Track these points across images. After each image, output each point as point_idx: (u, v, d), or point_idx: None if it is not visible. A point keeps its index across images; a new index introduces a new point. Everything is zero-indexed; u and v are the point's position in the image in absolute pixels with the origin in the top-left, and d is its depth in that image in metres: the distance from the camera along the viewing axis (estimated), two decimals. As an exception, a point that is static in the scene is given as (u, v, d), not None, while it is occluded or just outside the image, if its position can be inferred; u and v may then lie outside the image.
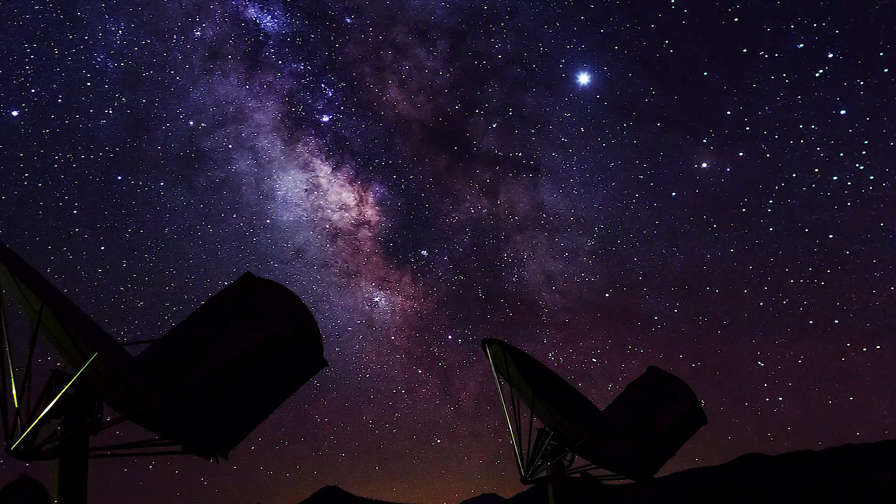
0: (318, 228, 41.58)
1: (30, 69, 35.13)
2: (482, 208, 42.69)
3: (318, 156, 41.22)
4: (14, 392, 8.59)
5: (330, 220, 41.45)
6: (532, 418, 14.40)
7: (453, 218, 43.03)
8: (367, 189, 42.32)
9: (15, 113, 35.08)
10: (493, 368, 14.75)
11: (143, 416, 9.07)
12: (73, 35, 36.23)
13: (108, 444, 9.16)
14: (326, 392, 40.44)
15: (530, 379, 14.20)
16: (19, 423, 8.52)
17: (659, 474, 15.24)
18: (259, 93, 41.28)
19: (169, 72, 38.42)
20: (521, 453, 14.21)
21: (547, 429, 14.18)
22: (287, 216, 40.99)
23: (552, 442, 14.03)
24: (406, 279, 42.48)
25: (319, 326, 9.41)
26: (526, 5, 40.49)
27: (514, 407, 14.49)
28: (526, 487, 14.88)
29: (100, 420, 8.88)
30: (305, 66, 40.60)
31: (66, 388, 8.60)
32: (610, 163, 40.11)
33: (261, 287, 9.27)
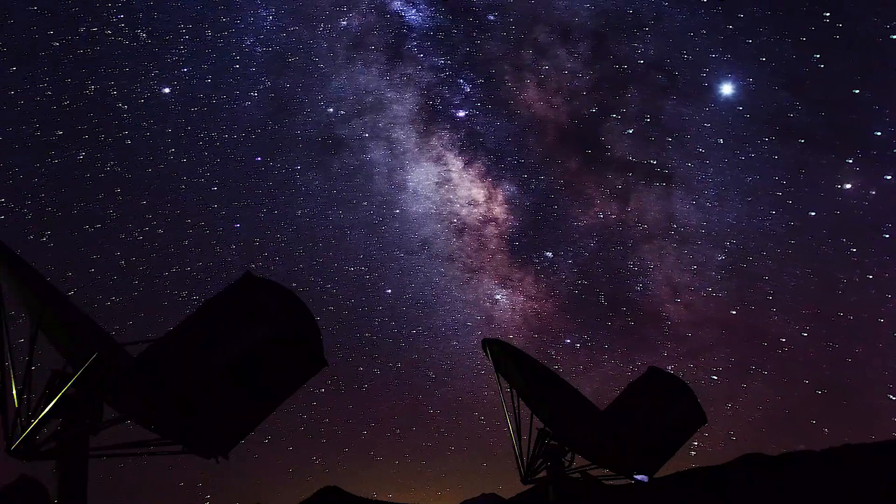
0: (445, 222, 42.96)
1: (183, 49, 36.90)
2: (611, 214, 42.87)
3: (451, 150, 42.64)
4: (14, 392, 8.57)
5: (458, 215, 42.80)
6: (532, 418, 14.39)
7: (581, 222, 43.40)
8: (496, 186, 43.40)
9: (167, 90, 37.04)
10: (494, 369, 14.75)
11: (144, 415, 9.06)
12: (225, 18, 38.03)
13: (108, 444, 9.14)
14: (441, 385, 41.42)
15: (530, 379, 14.18)
16: (19, 422, 8.51)
17: (659, 474, 15.22)
18: (398, 84, 42.78)
19: (313, 59, 40.10)
20: (521, 453, 14.20)
21: (547, 429, 14.15)
22: (416, 207, 42.51)
23: (552, 442, 14.00)
24: (528, 279, 43.26)
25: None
26: (672, 11, 40.46)
27: (514, 407, 14.48)
28: (526, 487, 14.86)
29: (100, 420, 8.85)
30: (445, 61, 42.00)
31: (66, 388, 8.58)
32: (747, 177, 39.67)
33: (262, 286, 9.25)
